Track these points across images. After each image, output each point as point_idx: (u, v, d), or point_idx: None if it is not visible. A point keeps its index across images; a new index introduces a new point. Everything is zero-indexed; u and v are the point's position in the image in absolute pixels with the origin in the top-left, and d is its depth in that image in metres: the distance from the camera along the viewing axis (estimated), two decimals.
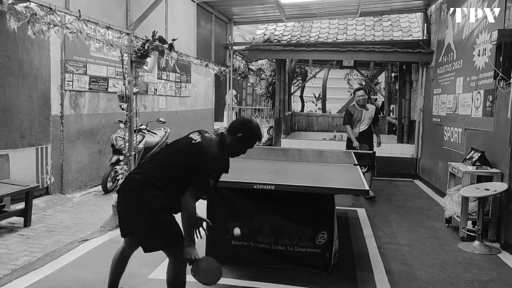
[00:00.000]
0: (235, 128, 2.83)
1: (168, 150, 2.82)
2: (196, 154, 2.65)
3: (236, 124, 2.88)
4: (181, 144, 2.79)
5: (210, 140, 2.73)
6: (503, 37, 4.61)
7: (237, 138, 2.81)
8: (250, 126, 2.86)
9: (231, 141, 2.83)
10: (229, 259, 3.94)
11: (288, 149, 6.69)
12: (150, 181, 2.65)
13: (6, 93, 5.73)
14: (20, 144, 5.96)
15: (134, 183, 2.72)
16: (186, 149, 2.72)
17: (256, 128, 2.88)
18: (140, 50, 5.49)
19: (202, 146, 2.67)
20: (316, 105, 18.07)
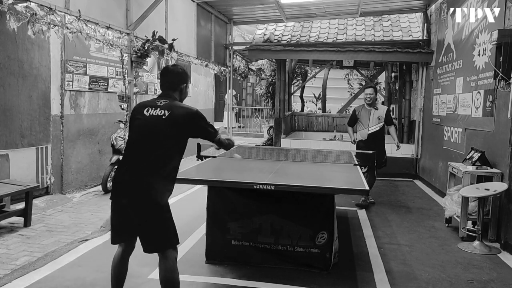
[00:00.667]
0: (175, 83, 2.97)
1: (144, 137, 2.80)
2: (187, 122, 2.80)
3: (173, 79, 2.98)
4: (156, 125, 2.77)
5: (178, 105, 2.87)
6: (503, 37, 4.60)
7: (183, 88, 3.03)
8: (182, 72, 3.03)
9: (181, 93, 3.02)
10: (229, 259, 3.95)
11: (288, 149, 6.69)
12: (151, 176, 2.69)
13: (6, 93, 5.73)
14: (20, 144, 5.96)
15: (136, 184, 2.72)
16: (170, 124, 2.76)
17: (184, 69, 3.08)
18: (140, 50, 5.49)
19: (185, 113, 2.81)
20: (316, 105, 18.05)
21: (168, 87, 2.96)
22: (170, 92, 2.94)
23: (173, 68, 3.03)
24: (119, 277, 2.99)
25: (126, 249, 3.00)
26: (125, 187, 2.76)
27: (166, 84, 2.97)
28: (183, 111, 2.81)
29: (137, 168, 2.73)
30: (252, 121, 18.50)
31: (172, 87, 2.95)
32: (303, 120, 12.36)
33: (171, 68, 3.03)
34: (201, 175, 4.14)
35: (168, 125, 2.75)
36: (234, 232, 3.92)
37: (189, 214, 5.59)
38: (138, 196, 2.71)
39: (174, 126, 2.75)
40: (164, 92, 2.96)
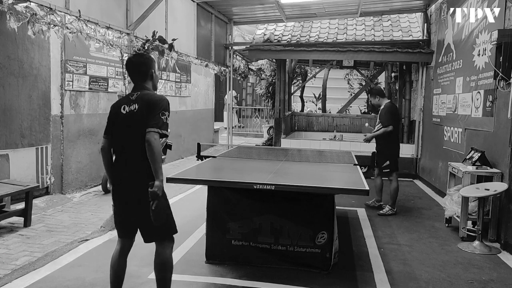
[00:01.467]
0: (144, 70, 2.94)
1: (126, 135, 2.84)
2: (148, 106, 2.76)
3: (140, 67, 2.95)
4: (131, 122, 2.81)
5: (146, 94, 2.86)
6: (503, 37, 4.60)
7: (153, 74, 2.99)
8: (148, 58, 3.01)
9: (152, 79, 3.00)
10: (229, 259, 3.95)
11: (288, 149, 6.69)
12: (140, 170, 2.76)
13: (6, 93, 5.73)
14: (20, 144, 5.96)
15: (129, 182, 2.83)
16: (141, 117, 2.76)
17: (146, 55, 3.08)
18: (140, 50, 5.50)
19: (148, 99, 2.80)
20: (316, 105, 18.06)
21: (138, 79, 2.96)
22: (140, 82, 2.95)
23: (137, 58, 3.03)
24: (118, 275, 3.01)
25: (125, 247, 3.05)
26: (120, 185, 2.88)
27: (135, 76, 2.97)
28: (149, 98, 2.82)
29: (128, 166, 2.83)
30: (252, 121, 18.50)
31: (142, 77, 2.96)
32: (303, 120, 12.36)
33: (134, 59, 3.02)
34: (201, 175, 4.15)
35: (140, 117, 2.77)
36: (234, 232, 3.92)
37: (189, 214, 5.59)
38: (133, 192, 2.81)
39: (144, 116, 2.76)
40: (136, 85, 2.97)
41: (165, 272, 2.90)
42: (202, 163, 4.81)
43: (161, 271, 2.90)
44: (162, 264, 2.89)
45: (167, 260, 2.89)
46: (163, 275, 2.90)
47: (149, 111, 2.75)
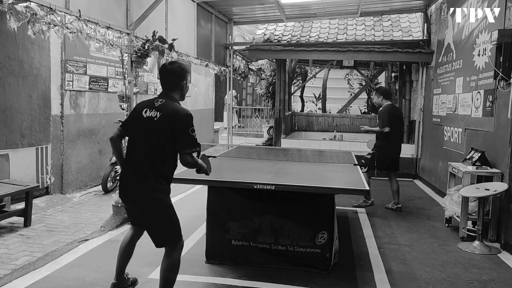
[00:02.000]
0: (175, 82, 2.98)
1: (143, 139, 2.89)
2: (171, 122, 2.80)
3: (171, 78, 2.98)
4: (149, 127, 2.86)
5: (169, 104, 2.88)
6: (503, 37, 4.60)
7: (184, 85, 3.03)
8: (181, 68, 3.01)
9: (181, 90, 3.03)
10: (229, 259, 3.95)
11: (288, 149, 6.69)
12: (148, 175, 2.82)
13: (6, 93, 5.73)
14: (20, 144, 5.96)
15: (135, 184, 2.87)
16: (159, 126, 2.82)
17: (181, 65, 3.05)
18: (140, 50, 5.49)
19: (174, 113, 2.83)
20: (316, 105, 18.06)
21: (167, 87, 3.00)
22: (169, 92, 2.99)
23: (171, 66, 3.01)
24: (125, 257, 3.20)
25: (136, 233, 3.21)
26: (127, 186, 2.93)
27: (165, 83, 3.00)
28: (173, 111, 2.85)
29: (137, 168, 2.88)
30: (252, 121, 18.50)
31: (172, 87, 2.99)
32: (303, 120, 12.36)
33: (169, 67, 3.00)
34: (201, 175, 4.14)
35: (159, 126, 2.83)
36: (234, 232, 3.92)
37: (189, 214, 5.59)
38: (138, 195, 2.87)
39: (164, 127, 2.82)
40: (164, 92, 3.01)
41: (170, 273, 2.94)
42: None
43: (166, 272, 2.94)
44: (168, 265, 2.93)
45: (173, 262, 2.94)
46: (168, 276, 2.94)
47: (174, 126, 2.80)
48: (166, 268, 2.94)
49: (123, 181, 2.98)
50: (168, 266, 2.94)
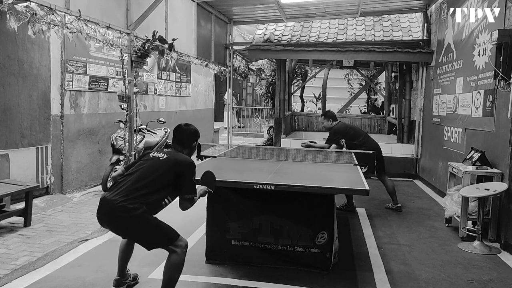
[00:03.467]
0: (187, 142, 3.32)
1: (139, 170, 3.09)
2: (179, 167, 3.06)
3: (185, 137, 3.32)
4: (153, 164, 3.10)
5: (180, 154, 3.21)
6: (503, 37, 4.60)
7: (194, 146, 3.39)
8: (194, 131, 3.36)
9: (190, 150, 3.35)
10: (229, 259, 3.95)
11: (288, 149, 6.69)
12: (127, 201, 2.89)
13: (6, 93, 5.73)
14: (20, 144, 5.96)
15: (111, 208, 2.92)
16: (164, 166, 3.07)
17: (196, 130, 3.40)
18: (140, 50, 5.49)
19: (183, 159, 3.12)
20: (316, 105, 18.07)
21: (179, 143, 3.32)
22: (179, 147, 3.30)
23: (187, 128, 3.34)
24: (126, 255, 3.32)
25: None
26: (102, 210, 3.00)
27: (178, 141, 3.33)
28: (180, 157, 3.14)
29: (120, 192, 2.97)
30: (252, 121, 18.50)
31: (183, 145, 3.31)
32: (303, 120, 12.36)
33: (184, 127, 3.34)
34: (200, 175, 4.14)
35: (161, 164, 3.08)
36: (234, 232, 3.92)
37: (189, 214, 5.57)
38: (112, 215, 2.93)
39: (166, 167, 3.05)
40: (174, 145, 3.33)
41: (172, 273, 3.00)
42: (202, 163, 4.80)
43: (168, 272, 3.00)
44: (170, 265, 2.99)
45: (174, 262, 2.99)
46: (169, 276, 3.00)
47: (182, 170, 3.05)
48: (169, 268, 2.99)
49: (100, 206, 3.02)
50: (171, 266, 2.99)
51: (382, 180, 6.24)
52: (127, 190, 2.95)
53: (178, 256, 2.98)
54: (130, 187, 2.97)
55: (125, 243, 3.32)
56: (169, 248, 2.98)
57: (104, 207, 2.98)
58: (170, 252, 3.00)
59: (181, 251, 2.99)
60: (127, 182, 3.03)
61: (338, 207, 5.92)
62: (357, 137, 6.22)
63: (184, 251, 3.01)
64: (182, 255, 3.00)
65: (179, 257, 2.99)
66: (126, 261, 3.34)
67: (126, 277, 3.40)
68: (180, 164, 3.07)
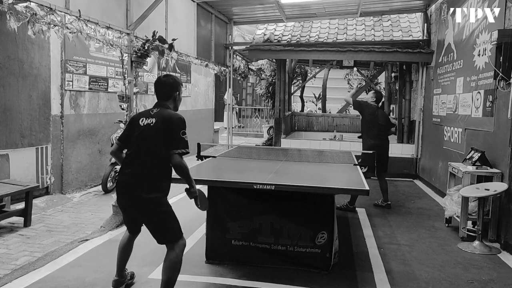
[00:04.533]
0: (168, 92, 3.21)
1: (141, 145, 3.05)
2: (165, 124, 2.99)
3: (165, 88, 3.21)
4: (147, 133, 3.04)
5: (164, 111, 3.10)
6: (503, 37, 4.60)
7: (176, 96, 3.27)
8: (174, 81, 3.25)
9: (175, 101, 3.26)
10: (229, 259, 3.95)
11: (288, 149, 6.69)
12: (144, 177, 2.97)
13: (6, 93, 5.73)
14: (20, 144, 5.96)
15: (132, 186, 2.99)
16: (156, 131, 3.00)
17: (175, 78, 3.30)
18: (140, 50, 5.49)
19: (167, 116, 3.04)
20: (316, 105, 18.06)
21: (161, 97, 3.23)
22: (163, 101, 3.21)
23: (165, 79, 3.26)
24: (125, 255, 3.32)
25: (132, 235, 3.32)
26: (124, 189, 3.05)
27: (160, 94, 3.24)
28: (167, 116, 3.06)
29: (133, 173, 3.01)
30: (252, 121, 18.50)
31: (165, 97, 3.22)
32: (303, 120, 12.36)
33: (163, 79, 3.26)
34: (201, 175, 4.14)
35: (155, 131, 3.02)
36: (234, 232, 3.92)
37: (189, 214, 5.58)
38: (134, 199, 2.99)
39: (160, 131, 3.00)
40: (158, 102, 3.23)
41: (171, 273, 3.02)
42: (202, 163, 4.81)
43: (168, 271, 3.01)
44: (170, 265, 3.02)
45: (174, 261, 3.01)
46: (169, 275, 3.00)
47: (167, 128, 2.99)
48: (168, 267, 3.01)
49: (119, 187, 3.09)
50: (170, 265, 3.00)
51: (379, 177, 6.37)
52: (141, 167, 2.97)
53: (177, 255, 3.01)
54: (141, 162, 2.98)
55: (124, 243, 3.32)
56: (173, 245, 3.02)
57: (126, 190, 3.01)
58: (170, 249, 3.02)
59: (180, 251, 3.04)
60: (136, 161, 3.02)
61: (338, 206, 5.95)
62: (372, 126, 6.36)
63: (182, 250, 3.07)
64: (180, 254, 3.04)
65: (178, 256, 3.02)
66: (125, 260, 3.36)
67: (125, 277, 3.41)
68: (167, 121, 3.02)
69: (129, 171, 3.03)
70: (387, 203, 6.37)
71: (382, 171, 6.29)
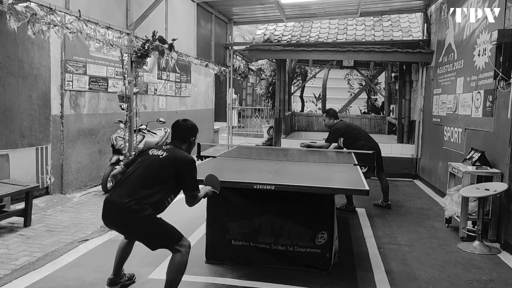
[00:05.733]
0: (185, 137, 3.35)
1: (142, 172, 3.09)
2: (179, 164, 3.08)
3: (182, 132, 3.35)
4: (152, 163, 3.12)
5: (179, 151, 3.21)
6: (503, 37, 4.60)
7: (192, 141, 3.41)
8: (192, 126, 3.39)
9: (189, 145, 3.39)
10: (229, 259, 3.95)
11: (288, 149, 6.69)
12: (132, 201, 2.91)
13: (6, 93, 5.73)
14: (20, 144, 5.96)
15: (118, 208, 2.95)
16: (164, 164, 3.09)
17: (194, 124, 3.44)
18: (140, 50, 5.49)
19: (182, 157, 3.14)
20: (316, 105, 18.07)
21: (177, 139, 3.35)
22: (178, 142, 3.32)
23: (184, 123, 3.38)
24: (124, 254, 3.34)
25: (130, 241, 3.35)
26: (107, 211, 3.02)
27: (176, 136, 3.36)
28: (180, 155, 3.15)
29: (124, 194, 2.97)
30: (252, 121, 18.50)
31: (181, 140, 3.34)
32: (303, 120, 12.36)
33: (182, 123, 3.39)
34: (201, 175, 4.14)
35: (161, 163, 3.09)
36: (234, 232, 3.92)
37: (189, 214, 5.59)
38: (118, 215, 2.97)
39: (166, 165, 3.08)
40: (173, 141, 3.34)
41: (175, 274, 3.00)
42: (202, 163, 4.81)
43: (172, 273, 3.00)
44: (174, 266, 3.00)
45: (179, 262, 3.00)
46: (173, 277, 3.00)
47: (182, 169, 3.07)
48: (173, 269, 3.00)
49: (104, 207, 3.04)
50: (175, 267, 2.99)
51: (379, 177, 6.35)
52: (130, 190, 2.97)
53: (182, 256, 2.99)
54: (133, 186, 2.98)
55: (125, 243, 3.32)
56: (174, 248, 3.00)
57: (109, 209, 3.00)
58: (174, 252, 3.01)
59: (185, 251, 3.02)
60: (128, 181, 3.04)
61: (338, 207, 5.94)
62: (358, 137, 6.23)
63: (187, 251, 3.04)
64: (186, 255, 3.02)
65: (183, 257, 3.00)
66: (123, 261, 3.36)
67: (121, 277, 3.40)
68: (180, 162, 3.08)
69: (117, 194, 3.00)
70: (387, 203, 6.37)
71: (380, 171, 6.29)
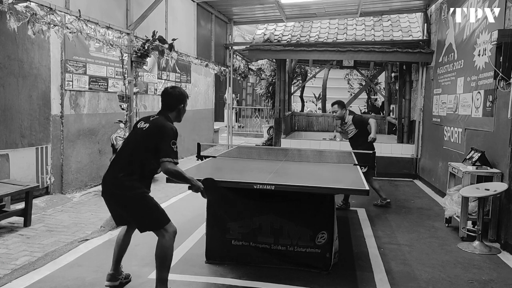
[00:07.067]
0: (173, 104, 3.31)
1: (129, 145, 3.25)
2: (157, 133, 3.11)
3: (170, 100, 3.32)
4: (136, 135, 3.24)
5: (160, 119, 3.22)
6: (503, 37, 4.60)
7: (181, 108, 3.36)
8: (179, 93, 3.35)
9: (179, 112, 3.35)
10: (229, 259, 3.95)
11: (288, 149, 6.69)
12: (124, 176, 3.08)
13: (6, 93, 5.73)
14: (20, 144, 5.96)
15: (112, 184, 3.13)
16: (144, 135, 3.16)
17: (182, 90, 3.40)
18: (140, 50, 5.49)
19: (161, 124, 3.15)
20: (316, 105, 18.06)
21: (166, 107, 3.35)
22: (166, 111, 3.33)
23: (172, 90, 3.37)
24: (122, 248, 3.39)
25: (129, 228, 3.41)
26: (106, 184, 3.19)
27: (165, 104, 3.36)
28: (160, 124, 3.17)
29: (116, 169, 3.16)
30: (252, 121, 18.50)
31: (170, 108, 3.33)
32: (303, 120, 12.36)
33: (170, 90, 3.37)
34: (201, 175, 4.14)
35: (144, 135, 3.17)
36: (234, 232, 3.92)
37: (189, 214, 5.59)
38: (114, 192, 3.13)
39: (148, 136, 3.14)
40: (161, 111, 3.35)
41: (161, 258, 3.10)
42: (202, 163, 4.81)
43: (158, 257, 3.10)
44: (159, 250, 3.10)
45: (163, 246, 3.09)
46: (159, 262, 3.10)
47: (158, 136, 3.10)
48: (158, 253, 3.10)
49: (103, 181, 3.21)
50: (160, 251, 3.09)
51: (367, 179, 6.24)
52: (121, 165, 3.13)
53: (167, 240, 3.09)
54: (122, 161, 3.16)
55: (122, 236, 3.39)
56: (160, 231, 3.09)
57: (106, 185, 3.15)
58: (160, 236, 3.10)
59: (170, 237, 3.11)
60: (119, 157, 3.23)
61: (337, 206, 5.96)
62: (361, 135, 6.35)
63: (172, 236, 3.12)
64: (171, 240, 3.11)
65: (169, 241, 3.10)
66: (121, 255, 3.41)
67: (120, 273, 3.44)
68: (158, 129, 3.13)
69: (111, 169, 3.19)
70: (387, 201, 6.37)
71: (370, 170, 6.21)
